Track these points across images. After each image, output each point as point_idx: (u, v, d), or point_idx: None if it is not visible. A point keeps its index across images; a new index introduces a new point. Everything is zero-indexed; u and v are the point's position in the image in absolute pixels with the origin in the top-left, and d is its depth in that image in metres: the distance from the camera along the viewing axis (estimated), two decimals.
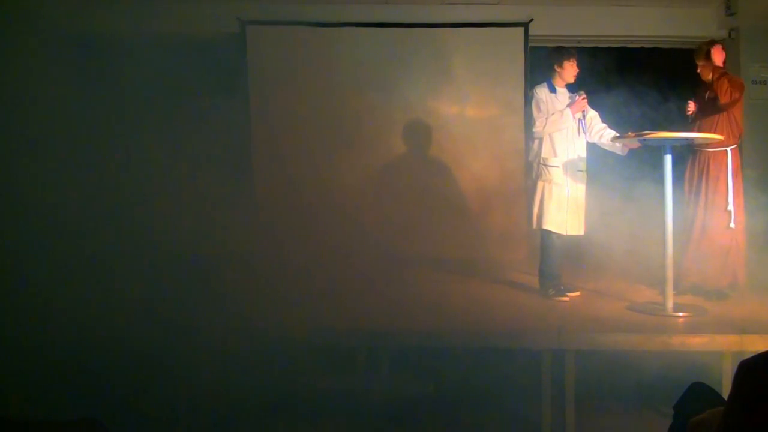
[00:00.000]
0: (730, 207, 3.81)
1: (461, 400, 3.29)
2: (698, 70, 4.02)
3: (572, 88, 4.12)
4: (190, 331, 3.24)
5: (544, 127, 3.98)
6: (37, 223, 4.00)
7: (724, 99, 3.79)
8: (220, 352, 3.17)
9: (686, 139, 3.67)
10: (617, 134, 4.00)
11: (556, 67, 4.04)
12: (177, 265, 4.09)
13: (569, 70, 4.03)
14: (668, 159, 3.54)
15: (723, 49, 4.01)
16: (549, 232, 4.00)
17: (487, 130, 5.54)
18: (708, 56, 3.94)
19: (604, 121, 4.13)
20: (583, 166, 4.06)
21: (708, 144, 3.87)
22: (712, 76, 3.86)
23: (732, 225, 3.81)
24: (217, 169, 4.81)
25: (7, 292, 3.29)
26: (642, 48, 5.74)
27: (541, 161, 4.03)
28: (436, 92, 5.55)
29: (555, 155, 4.00)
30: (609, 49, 5.66)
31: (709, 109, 3.95)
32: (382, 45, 5.56)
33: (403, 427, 3.14)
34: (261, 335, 3.25)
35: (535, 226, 4.06)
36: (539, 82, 4.15)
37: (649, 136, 3.54)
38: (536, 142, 4.07)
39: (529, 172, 4.21)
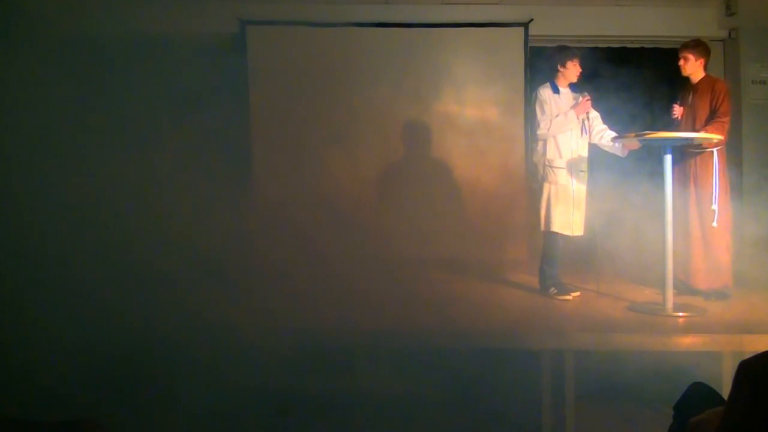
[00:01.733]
0: (714, 206, 3.80)
1: (461, 400, 3.29)
2: (680, 63, 4.01)
3: (575, 88, 4.11)
4: (191, 331, 3.25)
5: (548, 129, 3.96)
6: (37, 223, 4.00)
7: (724, 117, 3.84)
8: (220, 352, 3.18)
9: (686, 139, 3.67)
10: (617, 135, 3.99)
11: (559, 67, 4.02)
12: (177, 266, 4.09)
13: (572, 70, 4.01)
14: (668, 159, 3.54)
15: (700, 53, 4.00)
16: (554, 233, 4.00)
17: (487, 130, 5.54)
18: (693, 53, 3.96)
19: (604, 121, 4.12)
20: (584, 166, 4.06)
21: (693, 146, 3.87)
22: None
23: (714, 224, 3.80)
24: (216, 169, 4.81)
25: (7, 292, 3.30)
26: (642, 48, 5.74)
27: (547, 163, 4.00)
28: (436, 92, 5.55)
29: (560, 156, 3.99)
30: (609, 49, 5.66)
31: (694, 110, 3.96)
32: (382, 45, 5.56)
33: (402, 427, 3.13)
34: (261, 335, 3.25)
35: (544, 228, 4.03)
36: (542, 83, 4.14)
37: (649, 136, 3.54)
38: (540, 143, 4.05)
39: (533, 174, 4.17)
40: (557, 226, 3.97)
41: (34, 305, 3.26)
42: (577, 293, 4.05)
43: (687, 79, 4.08)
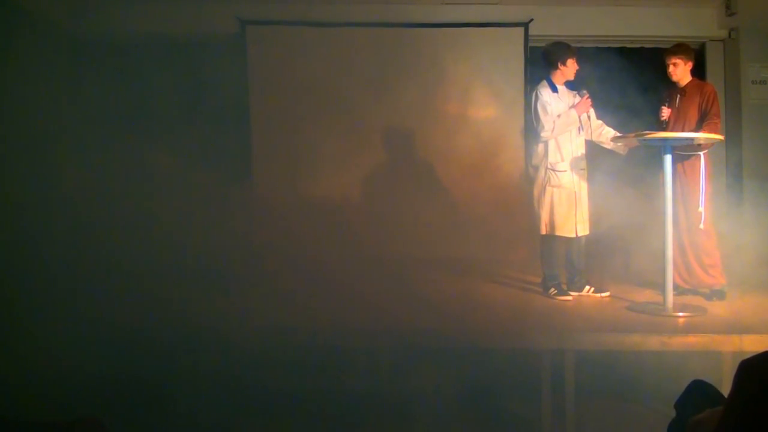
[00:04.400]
0: (701, 208, 3.79)
1: (461, 400, 3.29)
2: (670, 69, 4.00)
3: (570, 85, 4.08)
4: (191, 330, 3.25)
5: (553, 130, 3.91)
6: (37, 223, 4.00)
7: (716, 118, 3.84)
8: (221, 352, 3.18)
9: (682, 140, 3.66)
10: (617, 134, 3.98)
11: (559, 64, 3.97)
12: (177, 264, 4.10)
13: (572, 68, 3.98)
14: (668, 159, 3.53)
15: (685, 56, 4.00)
16: (555, 236, 3.99)
17: (487, 130, 5.54)
18: (682, 57, 3.96)
19: (605, 122, 4.11)
20: (584, 164, 4.04)
21: (682, 147, 3.86)
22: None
23: (701, 226, 3.80)
24: (215, 168, 4.82)
25: (7, 292, 3.30)
26: (642, 48, 5.74)
27: (549, 166, 3.97)
28: (436, 92, 5.55)
29: (562, 159, 3.96)
30: (609, 49, 5.66)
31: (682, 113, 3.96)
32: (382, 45, 5.56)
33: (403, 427, 3.13)
34: (261, 336, 3.25)
35: (545, 232, 4.00)
36: (538, 81, 4.12)
37: (649, 136, 3.53)
38: (541, 146, 4.01)
39: (533, 176, 4.11)
40: (562, 230, 3.95)
41: (33, 306, 3.26)
42: (607, 293, 4.03)
43: (673, 82, 4.07)
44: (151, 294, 3.63)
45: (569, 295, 3.97)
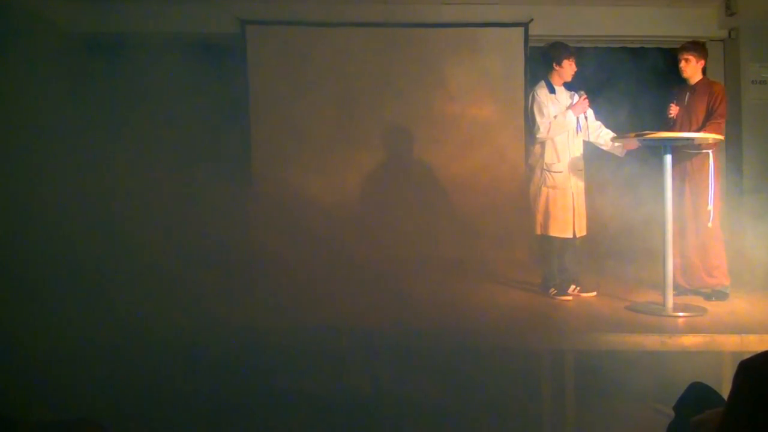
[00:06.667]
0: (710, 207, 3.79)
1: (461, 399, 3.29)
2: (681, 65, 3.98)
3: (569, 86, 4.08)
4: (189, 330, 3.25)
5: (549, 131, 3.91)
6: (37, 223, 4.00)
7: (720, 118, 3.83)
8: (219, 352, 3.18)
9: (685, 139, 3.66)
10: (616, 135, 3.98)
11: (555, 65, 3.96)
12: (176, 265, 4.09)
13: (568, 69, 3.97)
14: (668, 159, 3.53)
15: (698, 54, 3.99)
16: (551, 237, 3.98)
17: (487, 130, 5.54)
18: (694, 54, 3.95)
19: (603, 122, 4.11)
20: (581, 165, 4.04)
21: (690, 146, 3.86)
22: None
23: (710, 224, 3.79)
24: (215, 168, 4.82)
25: (8, 292, 3.30)
26: (642, 48, 5.74)
27: (545, 167, 3.96)
28: (436, 92, 5.55)
29: (558, 160, 3.95)
30: (609, 49, 5.66)
31: (691, 111, 3.96)
32: (381, 45, 5.56)
33: (403, 427, 3.13)
34: (261, 336, 3.25)
35: (540, 232, 4.01)
36: (536, 82, 4.12)
37: (649, 136, 3.53)
38: (537, 146, 4.02)
39: (530, 176, 4.12)
40: (556, 231, 3.94)
41: (33, 305, 3.26)
42: (593, 293, 4.04)
43: (684, 80, 4.06)
44: (148, 294, 3.63)
45: (569, 295, 3.97)
